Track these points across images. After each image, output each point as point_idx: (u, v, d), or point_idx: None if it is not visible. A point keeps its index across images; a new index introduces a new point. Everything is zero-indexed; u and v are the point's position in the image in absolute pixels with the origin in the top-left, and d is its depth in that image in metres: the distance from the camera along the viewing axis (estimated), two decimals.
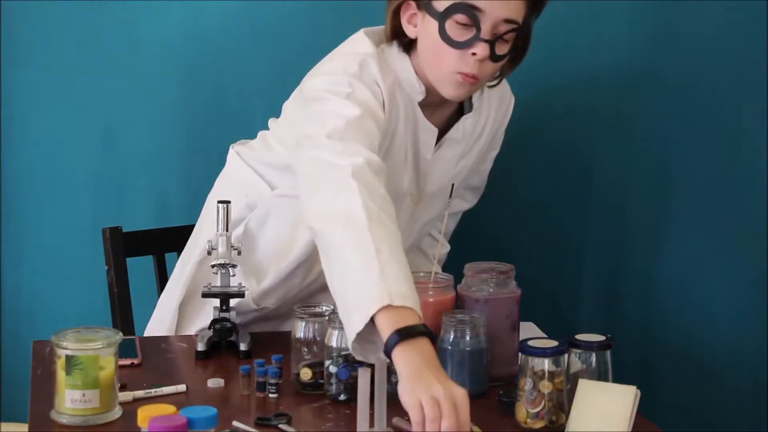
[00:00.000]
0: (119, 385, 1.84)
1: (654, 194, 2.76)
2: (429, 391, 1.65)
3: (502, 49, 2.06)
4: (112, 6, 2.77)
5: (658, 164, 2.75)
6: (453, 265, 2.08)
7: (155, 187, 2.82)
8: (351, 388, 1.86)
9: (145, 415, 1.62)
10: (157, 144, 2.81)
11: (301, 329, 1.96)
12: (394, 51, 2.14)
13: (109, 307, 2.52)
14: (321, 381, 1.92)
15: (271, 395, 1.91)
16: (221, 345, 2.13)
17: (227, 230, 2.14)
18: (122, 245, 2.45)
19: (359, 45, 2.15)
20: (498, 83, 2.22)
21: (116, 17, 2.77)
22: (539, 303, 2.60)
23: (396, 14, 2.12)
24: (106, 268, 2.48)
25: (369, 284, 1.74)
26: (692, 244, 2.76)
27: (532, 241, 2.79)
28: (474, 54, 2.03)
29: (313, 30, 2.74)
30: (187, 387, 1.93)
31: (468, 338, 1.91)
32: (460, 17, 2.02)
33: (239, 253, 2.16)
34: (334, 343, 1.90)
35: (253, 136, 2.36)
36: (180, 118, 2.80)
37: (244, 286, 2.15)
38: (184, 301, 2.29)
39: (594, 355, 1.83)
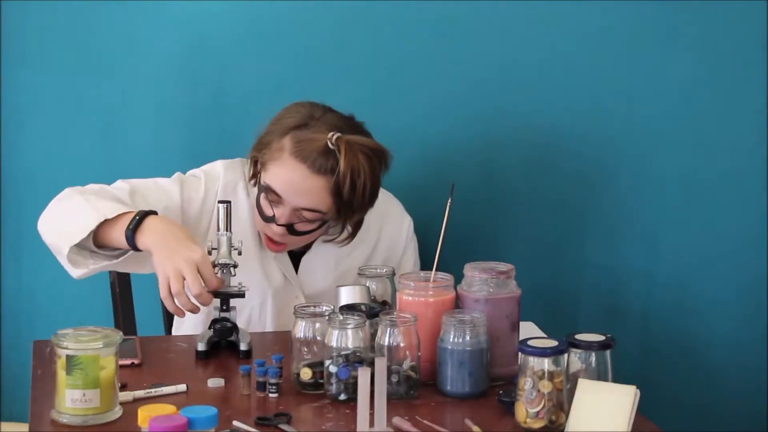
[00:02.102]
0: (119, 384, 1.84)
1: (654, 194, 2.75)
2: (173, 264, 2.02)
3: (305, 227, 2.29)
4: (112, 6, 2.76)
5: (659, 164, 2.75)
6: (453, 265, 2.08)
7: None
8: (351, 388, 1.87)
9: (145, 414, 1.63)
10: (156, 144, 2.81)
11: (301, 329, 1.96)
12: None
13: (109, 307, 2.52)
14: (321, 381, 1.92)
15: (271, 395, 1.92)
16: (221, 345, 2.13)
17: (228, 230, 2.15)
18: None
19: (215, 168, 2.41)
20: (350, 238, 2.39)
21: (116, 17, 2.77)
22: (539, 303, 2.60)
23: (254, 163, 2.35)
24: None
25: (84, 215, 2.13)
26: (692, 244, 2.76)
27: (531, 241, 2.79)
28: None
29: (313, 30, 2.74)
30: (187, 387, 1.93)
31: (468, 338, 1.92)
32: (266, 196, 2.28)
33: (239, 253, 2.16)
34: (334, 343, 1.90)
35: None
36: (180, 118, 2.80)
37: (244, 286, 2.16)
38: None
39: (594, 354, 1.83)
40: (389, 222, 2.48)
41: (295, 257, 2.41)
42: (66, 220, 2.18)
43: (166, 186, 2.33)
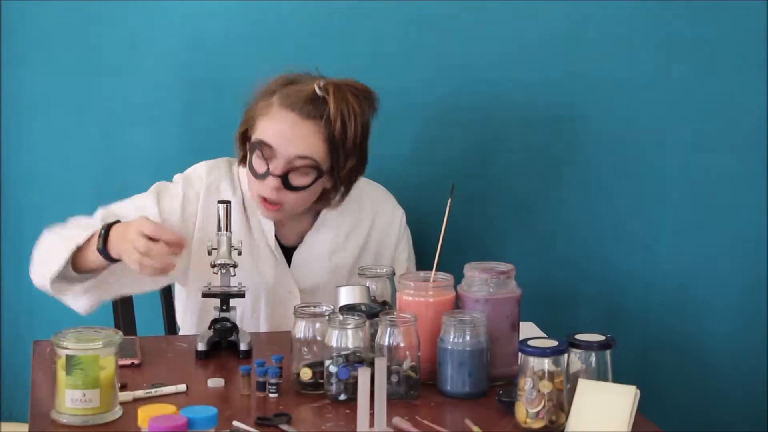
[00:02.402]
0: (119, 385, 1.85)
1: (654, 194, 2.76)
2: (128, 237, 2.07)
3: (300, 180, 2.27)
4: (112, 6, 2.76)
5: (658, 164, 2.75)
6: (453, 265, 2.08)
7: None
8: (351, 388, 1.87)
9: (145, 415, 1.63)
10: (156, 144, 2.81)
11: (301, 329, 1.96)
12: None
13: (109, 307, 2.52)
14: (321, 381, 1.92)
15: (271, 395, 1.92)
16: (221, 345, 2.13)
17: (228, 230, 2.15)
18: None
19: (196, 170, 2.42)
20: (342, 199, 2.37)
21: (116, 17, 2.77)
22: (539, 303, 2.60)
23: (243, 141, 2.36)
24: None
25: (58, 249, 2.18)
26: (692, 244, 2.76)
27: (531, 241, 2.79)
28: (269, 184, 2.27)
29: (313, 30, 2.74)
30: (187, 387, 1.93)
31: (468, 338, 1.92)
32: (259, 152, 2.27)
33: (239, 253, 2.16)
34: (334, 343, 1.90)
35: None
36: (180, 117, 2.80)
37: (244, 286, 2.16)
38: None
39: (594, 354, 1.83)
40: (381, 213, 2.48)
41: (287, 252, 2.41)
42: (44, 259, 2.23)
43: (141, 202, 2.34)
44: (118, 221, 2.18)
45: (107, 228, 2.16)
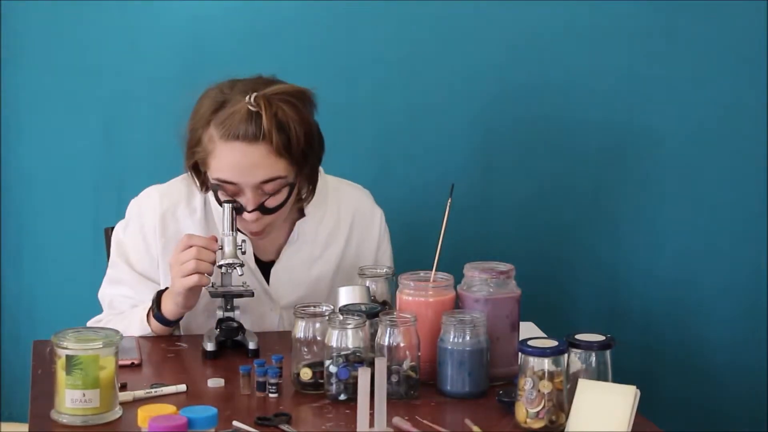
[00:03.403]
0: (119, 384, 1.85)
1: (654, 194, 2.76)
2: (173, 269, 2.12)
3: (276, 200, 2.19)
4: (112, 6, 2.77)
5: (658, 164, 2.75)
6: (453, 265, 2.08)
7: None
8: (351, 388, 1.87)
9: (145, 414, 1.63)
10: (156, 144, 2.81)
11: (301, 329, 1.96)
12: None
13: None
14: (321, 381, 1.92)
15: (271, 395, 1.92)
16: (226, 345, 2.13)
17: (233, 230, 2.15)
18: None
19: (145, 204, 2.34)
20: (313, 191, 2.29)
21: (116, 17, 2.77)
22: (539, 303, 2.60)
23: (196, 171, 2.26)
24: None
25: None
26: (692, 244, 2.77)
27: (531, 241, 2.79)
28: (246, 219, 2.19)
29: (313, 30, 2.74)
30: (187, 387, 1.93)
31: (468, 338, 1.91)
32: (223, 192, 2.18)
33: (244, 252, 2.16)
34: (334, 343, 1.90)
35: None
36: (179, 117, 2.80)
37: (249, 286, 2.15)
38: None
39: (594, 354, 1.83)
40: (360, 216, 2.38)
41: (265, 267, 2.33)
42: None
43: (116, 275, 2.33)
44: (158, 293, 2.21)
45: (156, 300, 2.19)
